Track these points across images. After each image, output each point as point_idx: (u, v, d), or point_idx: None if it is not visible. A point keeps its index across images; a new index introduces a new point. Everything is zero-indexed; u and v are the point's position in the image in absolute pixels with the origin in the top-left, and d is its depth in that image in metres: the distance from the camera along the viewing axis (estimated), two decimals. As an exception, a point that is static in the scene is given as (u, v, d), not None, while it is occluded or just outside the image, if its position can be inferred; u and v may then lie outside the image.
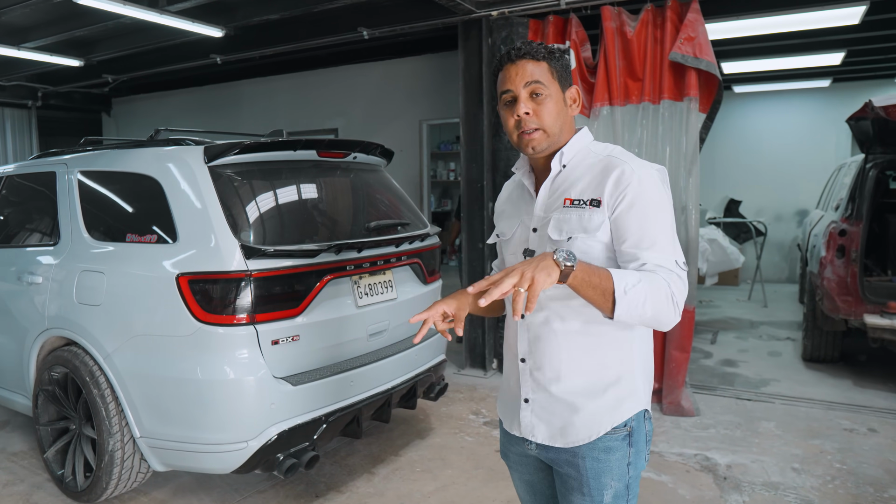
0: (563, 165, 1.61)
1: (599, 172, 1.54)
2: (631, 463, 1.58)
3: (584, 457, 1.57)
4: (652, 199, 1.50)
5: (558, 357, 1.58)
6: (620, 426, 1.56)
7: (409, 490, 3.33)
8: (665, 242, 1.48)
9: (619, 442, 1.56)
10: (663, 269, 1.43)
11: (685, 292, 1.45)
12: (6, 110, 9.36)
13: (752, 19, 5.18)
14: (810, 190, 8.66)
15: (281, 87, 8.87)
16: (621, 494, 1.58)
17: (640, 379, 1.59)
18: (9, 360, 3.59)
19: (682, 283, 1.45)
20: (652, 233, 1.47)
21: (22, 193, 3.93)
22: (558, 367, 1.58)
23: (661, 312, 1.41)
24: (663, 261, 1.45)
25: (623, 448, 1.57)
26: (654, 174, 1.54)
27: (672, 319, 1.43)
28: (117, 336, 2.94)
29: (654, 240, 1.47)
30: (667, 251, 1.47)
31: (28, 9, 4.97)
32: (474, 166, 5.25)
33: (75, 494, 3.19)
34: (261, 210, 2.99)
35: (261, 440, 2.75)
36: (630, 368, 1.58)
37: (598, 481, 1.57)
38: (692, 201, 4.42)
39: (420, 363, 3.61)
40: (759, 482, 3.36)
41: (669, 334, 4.46)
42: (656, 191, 1.51)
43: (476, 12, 4.99)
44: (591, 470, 1.57)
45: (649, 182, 1.50)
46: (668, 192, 1.57)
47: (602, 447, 1.56)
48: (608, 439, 1.56)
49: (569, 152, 1.60)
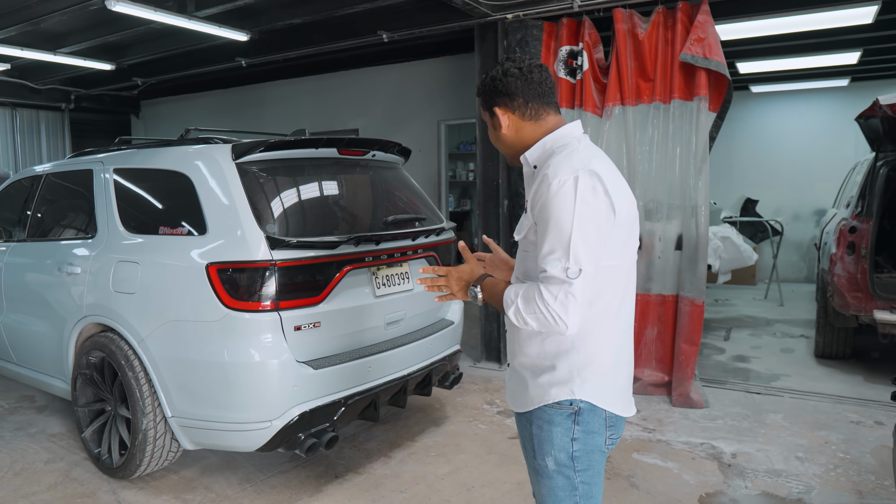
0: (534, 167, 1.78)
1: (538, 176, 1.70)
2: (576, 439, 1.71)
3: (532, 423, 1.77)
4: (557, 206, 1.58)
5: (513, 337, 1.83)
6: (566, 403, 1.70)
7: (423, 472, 3.49)
8: (560, 252, 1.56)
9: (562, 417, 1.71)
10: (552, 280, 1.57)
11: (569, 302, 1.54)
12: (41, 112, 9.72)
13: (764, 20, 5.25)
14: (829, 189, 8.65)
15: (303, 89, 9.10)
16: (565, 464, 1.72)
17: (576, 373, 1.69)
18: (49, 347, 3.81)
19: (564, 293, 1.54)
20: (550, 241, 1.58)
21: (60, 191, 4.16)
22: (513, 345, 1.83)
23: (543, 325, 1.59)
24: (553, 270, 1.56)
25: (566, 424, 1.71)
26: (568, 181, 1.58)
27: (556, 328, 1.57)
28: (150, 322, 3.14)
29: (551, 248, 1.58)
30: (559, 260, 1.55)
31: (66, 16, 5.22)
32: (490, 165, 5.40)
33: (111, 471, 3.40)
34: (284, 204, 3.17)
35: (283, 420, 2.93)
36: (567, 361, 1.70)
37: (540, 447, 1.75)
38: (702, 199, 4.52)
39: (435, 352, 3.77)
40: (763, 469, 3.46)
41: (679, 328, 4.57)
42: (565, 198, 1.57)
43: (492, 15, 5.14)
44: (535, 436, 1.76)
45: (559, 189, 1.58)
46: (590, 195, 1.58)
47: (546, 418, 1.73)
48: (552, 412, 1.72)
49: (531, 156, 1.80)
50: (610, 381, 1.73)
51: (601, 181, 1.60)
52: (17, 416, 4.42)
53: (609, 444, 1.76)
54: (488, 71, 1.83)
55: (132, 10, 5.04)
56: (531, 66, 1.77)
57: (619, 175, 1.73)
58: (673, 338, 4.62)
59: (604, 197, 1.60)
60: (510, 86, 1.75)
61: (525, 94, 1.75)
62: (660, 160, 4.67)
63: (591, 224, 1.58)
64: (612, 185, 1.63)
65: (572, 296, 1.55)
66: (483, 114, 1.86)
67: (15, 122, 9.42)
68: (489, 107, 1.81)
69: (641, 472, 3.46)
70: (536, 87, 1.76)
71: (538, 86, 1.76)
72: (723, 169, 9.44)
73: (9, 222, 4.43)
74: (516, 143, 1.81)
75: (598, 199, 1.60)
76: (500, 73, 1.76)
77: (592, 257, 1.58)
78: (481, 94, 1.83)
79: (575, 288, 1.55)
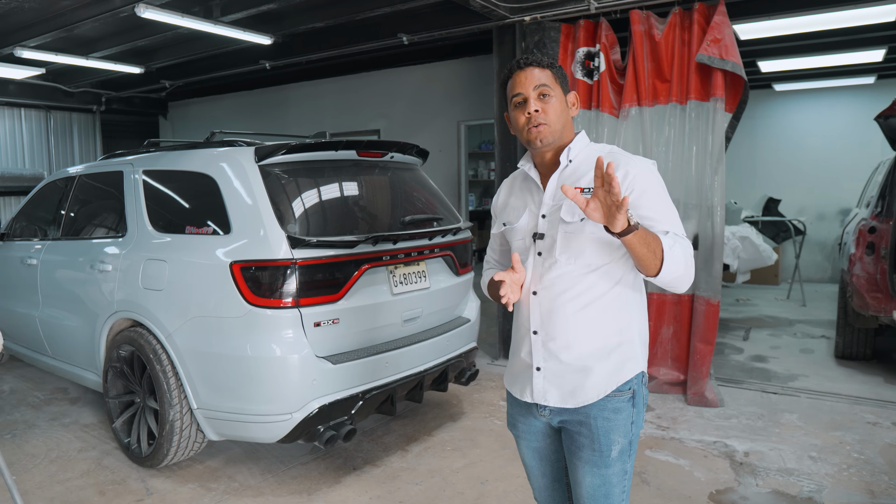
0: (570, 160, 1.85)
1: (586, 167, 1.82)
2: (634, 422, 1.85)
3: (596, 417, 1.81)
4: (660, 185, 1.80)
5: (568, 328, 1.81)
6: (625, 388, 1.81)
7: (439, 466, 3.59)
8: (675, 218, 1.77)
9: (624, 403, 1.82)
10: (680, 238, 1.72)
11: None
12: (74, 115, 10.02)
13: (782, 19, 5.24)
14: (855, 188, 8.52)
15: (326, 91, 9.25)
16: (625, 450, 1.84)
17: (637, 345, 1.86)
18: (82, 341, 3.98)
19: (691, 249, 1.75)
20: (665, 211, 1.76)
21: (92, 191, 4.34)
22: (568, 337, 1.82)
23: (689, 270, 1.72)
24: (678, 232, 1.74)
25: (628, 409, 1.83)
26: (651, 166, 1.81)
27: (691, 278, 1.75)
28: (177, 317, 3.28)
29: (668, 216, 1.76)
30: (678, 225, 1.76)
31: (98, 22, 5.42)
32: (509, 164, 5.47)
33: (140, 460, 3.55)
34: (305, 204, 3.29)
35: (303, 412, 3.05)
36: (629, 336, 1.84)
37: (607, 438, 1.81)
38: (718, 199, 4.54)
39: (451, 349, 3.86)
40: (775, 468, 3.49)
41: (694, 327, 4.60)
42: (659, 178, 1.81)
43: (510, 18, 5.21)
44: (601, 428, 1.81)
45: (653, 172, 1.80)
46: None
47: (611, 408, 1.81)
48: (616, 401, 1.81)
49: (575, 149, 1.86)
50: (647, 351, 1.92)
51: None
52: (52, 407, 4.61)
53: (642, 425, 1.92)
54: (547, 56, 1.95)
55: (160, 17, 5.21)
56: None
57: None
58: (688, 337, 4.65)
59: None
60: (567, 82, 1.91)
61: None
62: (676, 160, 4.70)
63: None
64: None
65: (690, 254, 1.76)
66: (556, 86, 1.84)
67: (49, 124, 9.73)
68: (568, 87, 1.89)
69: (653, 469, 3.51)
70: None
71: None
72: (745, 168, 9.38)
73: (44, 221, 4.63)
74: (567, 129, 1.86)
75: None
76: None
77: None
78: (559, 71, 1.87)
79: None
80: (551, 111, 1.81)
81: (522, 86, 1.81)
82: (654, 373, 4.75)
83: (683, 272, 1.70)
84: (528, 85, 1.80)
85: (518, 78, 1.83)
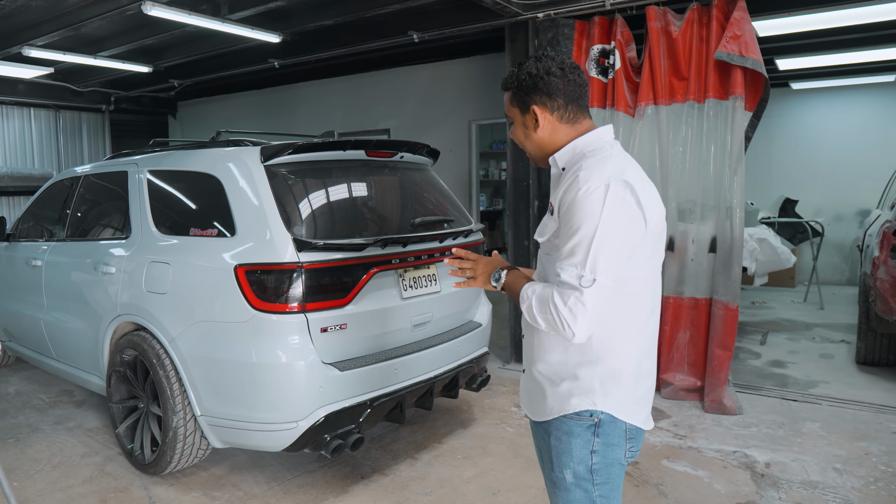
0: (563, 168, 1.74)
1: (567, 178, 1.65)
2: (595, 451, 1.67)
3: (550, 434, 1.73)
4: (582, 212, 1.53)
5: (532, 343, 1.78)
6: (586, 414, 1.66)
7: (449, 475, 3.48)
8: (578, 258, 1.53)
9: (581, 429, 1.67)
10: (564, 286, 1.55)
11: (577, 311, 1.52)
12: (83, 114, 10.00)
13: (803, 15, 5.09)
14: (873, 189, 8.38)
15: (335, 90, 9.17)
16: (583, 477, 1.68)
17: (597, 383, 1.66)
18: (86, 344, 3.91)
19: (574, 300, 1.52)
20: (570, 246, 1.55)
21: (97, 191, 4.27)
22: (531, 352, 1.79)
23: (552, 327, 1.58)
24: (567, 275, 1.54)
25: (585, 435, 1.67)
26: (599, 188, 1.53)
27: (564, 334, 1.56)
28: (181, 322, 3.19)
29: (570, 253, 1.55)
30: (576, 266, 1.53)
31: (105, 21, 5.35)
32: (521, 165, 5.36)
33: (143, 467, 3.47)
34: (312, 206, 3.19)
35: (309, 421, 2.95)
36: (589, 371, 1.66)
37: (558, 459, 1.71)
38: (737, 200, 4.40)
39: (462, 354, 3.75)
40: (798, 480, 3.36)
41: (712, 332, 4.47)
42: (592, 204, 1.53)
43: (522, 14, 5.10)
44: (553, 447, 1.72)
45: (588, 196, 1.54)
46: (618, 206, 1.54)
47: (565, 429, 1.69)
48: (571, 423, 1.68)
49: (560, 157, 1.74)
50: (631, 392, 1.69)
51: (633, 192, 1.57)
52: (56, 410, 4.55)
53: (629, 457, 1.72)
54: (521, 65, 1.73)
55: (167, 14, 5.14)
56: (572, 67, 1.70)
57: (651, 184, 1.69)
58: (706, 342, 4.52)
59: (635, 208, 1.57)
60: (552, 86, 1.68)
61: (566, 96, 1.69)
62: (693, 160, 4.57)
63: (614, 235, 1.53)
64: (645, 196, 1.59)
65: (582, 304, 1.52)
66: (511, 110, 1.76)
67: (59, 124, 9.71)
68: (525, 104, 1.71)
69: (671, 480, 3.39)
70: (577, 88, 1.70)
71: (578, 87, 1.71)
72: (761, 168, 9.21)
73: (50, 221, 4.57)
74: (548, 145, 1.73)
75: (627, 210, 1.56)
76: (542, 71, 1.67)
77: (612, 269, 1.54)
78: (516, 89, 1.72)
79: (586, 297, 1.52)
80: (516, 139, 1.82)
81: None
82: (670, 379, 4.63)
83: (545, 325, 1.60)
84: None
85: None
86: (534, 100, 1.70)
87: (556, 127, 1.71)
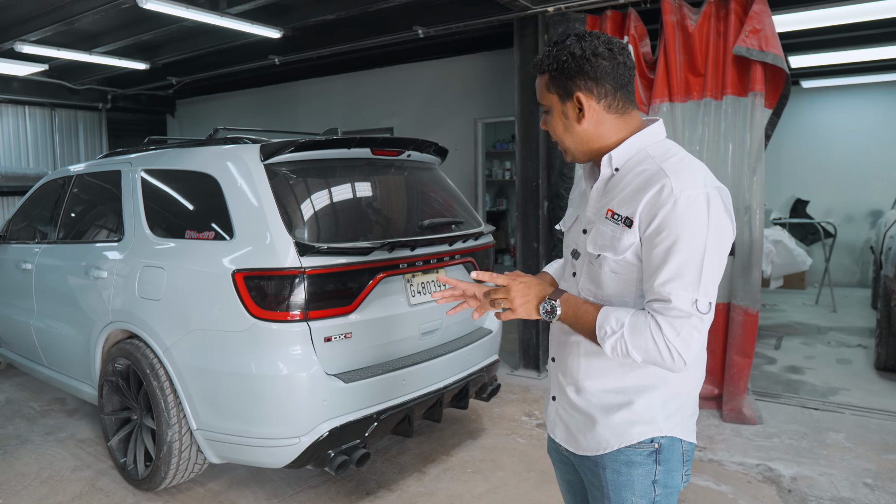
0: (616, 169, 1.49)
1: (642, 184, 1.40)
2: (657, 481, 1.49)
3: (605, 467, 1.52)
4: (686, 226, 1.32)
5: (577, 367, 1.56)
6: (646, 441, 1.48)
7: (459, 491, 3.30)
8: (689, 279, 1.32)
9: (643, 457, 1.49)
10: (674, 312, 1.32)
11: (692, 339, 1.32)
12: (79, 113, 9.80)
13: (821, 10, 4.91)
14: (885, 190, 8.21)
15: (337, 87, 8.99)
16: None
17: (659, 407, 1.48)
18: (77, 351, 3.73)
19: (692, 328, 1.32)
20: (676, 265, 1.32)
21: (91, 191, 4.09)
22: (576, 377, 1.56)
23: (653, 360, 1.35)
24: (680, 301, 1.32)
25: (648, 464, 1.49)
26: (700, 198, 1.34)
27: (671, 366, 1.35)
28: (176, 330, 3.01)
29: (678, 273, 1.33)
30: (687, 289, 1.32)
31: (98, 15, 5.16)
32: (530, 165, 5.17)
33: (136, 482, 3.29)
34: (315, 207, 3.01)
35: (312, 436, 2.77)
36: (649, 396, 1.48)
37: (618, 494, 1.50)
38: (756, 201, 4.23)
39: (473, 363, 3.57)
40: (828, 496, 3.18)
41: (731, 338, 4.29)
42: (696, 217, 1.33)
43: (532, 8, 4.92)
44: (611, 482, 1.51)
45: (690, 206, 1.33)
46: (722, 218, 1.37)
47: (623, 460, 1.49)
48: (631, 453, 1.49)
49: (618, 156, 1.48)
50: (690, 410, 1.53)
51: (726, 200, 1.39)
52: (47, 420, 4.37)
53: (684, 481, 1.54)
54: (559, 43, 1.46)
55: (163, 8, 4.96)
56: (620, 47, 1.45)
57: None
58: (724, 348, 4.35)
59: (727, 218, 1.39)
60: (599, 69, 1.42)
61: (615, 81, 1.44)
62: (710, 159, 4.39)
63: (720, 252, 1.35)
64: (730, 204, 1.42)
65: (697, 331, 1.32)
66: (548, 97, 1.49)
67: (54, 123, 9.51)
68: (567, 90, 1.45)
69: (693, 497, 3.21)
70: (626, 72, 1.45)
71: (628, 71, 1.45)
72: (771, 168, 8.95)
73: (42, 222, 4.38)
74: (593, 139, 1.48)
75: (727, 223, 1.38)
76: (588, 52, 1.42)
77: (716, 288, 1.36)
78: (555, 71, 1.45)
79: (703, 324, 1.33)
80: (553, 131, 1.54)
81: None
82: (686, 386, 4.45)
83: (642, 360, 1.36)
84: (538, 97, 1.54)
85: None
86: (578, 85, 1.44)
87: (602, 118, 1.46)
